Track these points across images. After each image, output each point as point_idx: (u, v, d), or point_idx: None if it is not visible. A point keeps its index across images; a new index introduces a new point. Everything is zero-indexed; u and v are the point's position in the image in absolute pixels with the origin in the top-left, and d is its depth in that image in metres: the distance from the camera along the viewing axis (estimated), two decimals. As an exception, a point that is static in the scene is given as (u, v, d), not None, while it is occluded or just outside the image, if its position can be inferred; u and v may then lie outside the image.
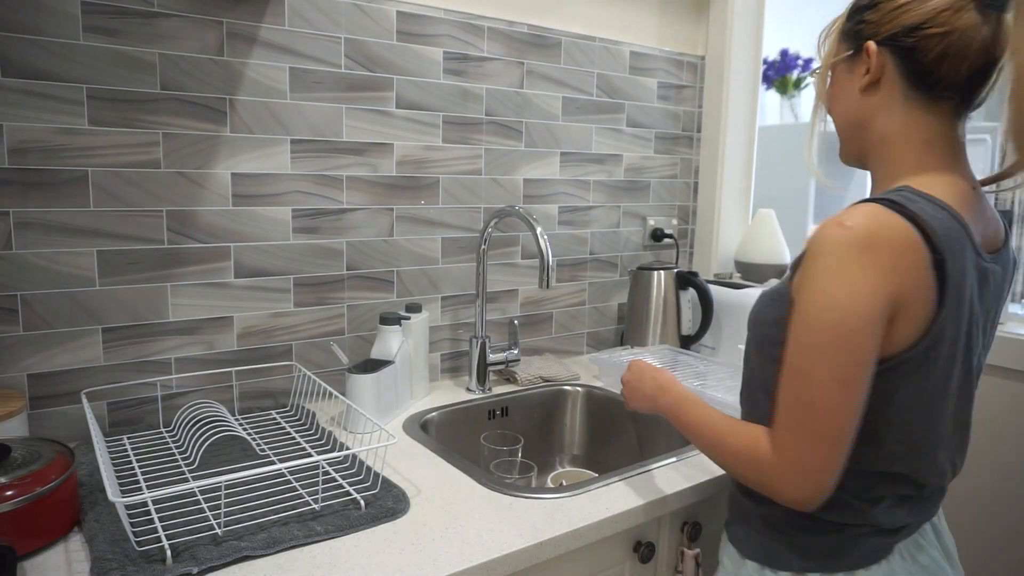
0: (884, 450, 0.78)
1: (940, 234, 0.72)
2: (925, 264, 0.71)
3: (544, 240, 1.27)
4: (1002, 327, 1.46)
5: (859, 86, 0.82)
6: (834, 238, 0.71)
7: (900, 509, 0.81)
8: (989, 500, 1.47)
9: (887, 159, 0.82)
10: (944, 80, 0.78)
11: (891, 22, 0.79)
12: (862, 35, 0.82)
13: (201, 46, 1.17)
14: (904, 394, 0.75)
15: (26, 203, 1.06)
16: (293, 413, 1.29)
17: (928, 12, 0.76)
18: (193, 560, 0.79)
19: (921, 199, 0.74)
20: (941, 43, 0.76)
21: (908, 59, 0.78)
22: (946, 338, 0.74)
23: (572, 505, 0.98)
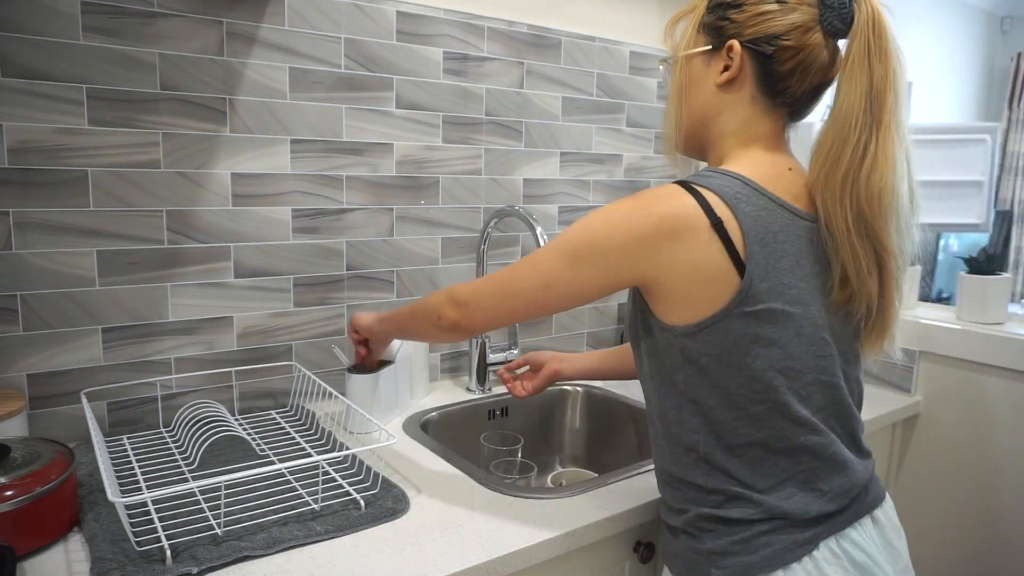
0: (743, 412, 0.79)
1: (726, 198, 0.78)
2: (703, 228, 0.76)
3: (544, 240, 1.27)
4: (1002, 327, 1.46)
5: (716, 81, 0.85)
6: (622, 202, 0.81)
7: (807, 496, 0.80)
8: (989, 500, 1.47)
9: (718, 151, 0.88)
10: (789, 91, 0.83)
11: (755, 26, 0.82)
12: (724, 32, 0.84)
13: (201, 46, 1.17)
14: (735, 353, 0.77)
15: (26, 203, 1.06)
16: (293, 413, 1.29)
17: (787, 25, 0.81)
18: (193, 560, 0.79)
19: (713, 173, 0.81)
20: (794, 57, 0.81)
21: (764, 65, 0.83)
22: (760, 293, 0.77)
23: (572, 505, 0.98)
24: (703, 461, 0.82)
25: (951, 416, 1.52)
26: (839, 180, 0.78)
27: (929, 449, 1.56)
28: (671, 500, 0.87)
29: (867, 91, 0.77)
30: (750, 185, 0.80)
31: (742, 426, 0.79)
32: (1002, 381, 1.44)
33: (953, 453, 1.52)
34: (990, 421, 1.46)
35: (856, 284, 0.80)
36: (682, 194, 0.78)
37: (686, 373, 0.80)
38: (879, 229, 0.78)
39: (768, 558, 0.78)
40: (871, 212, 0.77)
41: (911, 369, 1.55)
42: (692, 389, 0.80)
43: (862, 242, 0.78)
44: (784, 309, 0.78)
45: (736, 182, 0.80)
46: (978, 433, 1.48)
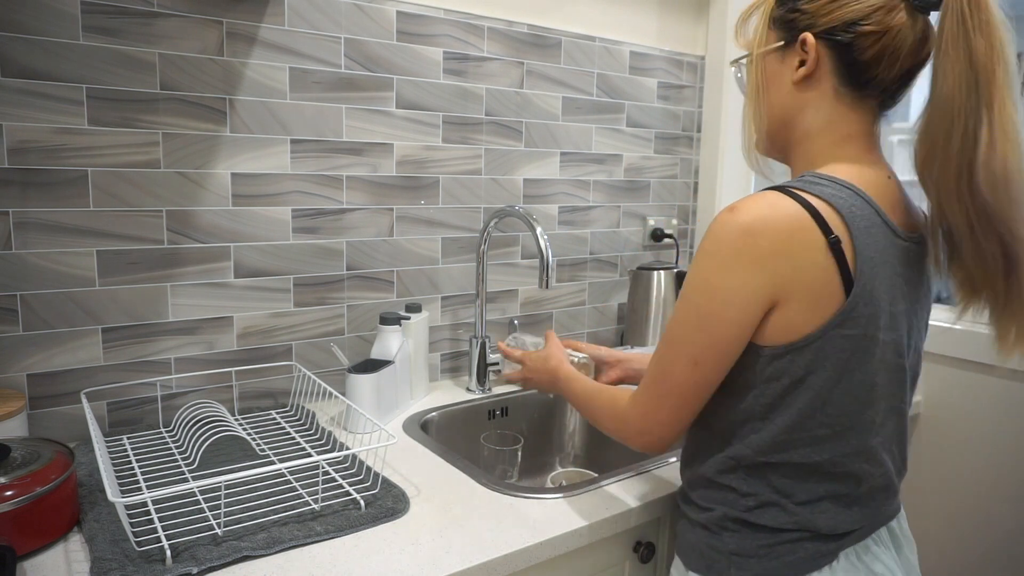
0: (808, 434, 0.76)
1: (842, 211, 0.72)
2: (818, 246, 0.71)
3: (544, 240, 1.27)
4: None
5: (792, 79, 0.80)
6: (719, 223, 0.73)
7: (840, 513, 0.78)
8: (989, 500, 1.47)
9: (807, 153, 0.82)
10: (877, 80, 0.77)
11: (829, 15, 0.76)
12: (796, 25, 0.79)
13: (201, 46, 1.17)
14: (820, 376, 0.74)
15: (26, 203, 1.06)
16: (293, 413, 1.29)
17: (865, 8, 0.75)
18: (193, 560, 0.79)
19: (824, 181, 0.75)
20: (877, 42, 0.75)
21: (844, 55, 0.77)
22: (860, 318, 0.73)
23: (572, 505, 0.98)
24: (743, 469, 0.80)
25: (951, 416, 1.52)
26: (952, 173, 0.70)
27: (929, 449, 1.56)
28: (697, 497, 0.85)
29: (967, 70, 0.68)
30: (862, 197, 0.74)
31: (803, 447, 0.76)
32: (1002, 381, 1.44)
33: (953, 453, 1.52)
34: (990, 421, 1.46)
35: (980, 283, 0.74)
36: (790, 204, 0.72)
37: (760, 391, 0.76)
38: (1009, 218, 0.70)
39: (790, 565, 0.78)
40: (995, 199, 0.69)
41: (911, 369, 1.55)
42: (761, 408, 0.77)
43: (987, 237, 0.71)
44: (876, 335, 0.74)
45: (849, 193, 0.74)
46: (978, 433, 1.48)
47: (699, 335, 0.75)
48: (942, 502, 1.54)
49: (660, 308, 1.69)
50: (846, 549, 0.79)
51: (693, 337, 0.76)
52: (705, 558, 0.83)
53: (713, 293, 0.74)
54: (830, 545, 0.78)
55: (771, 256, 0.71)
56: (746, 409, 0.78)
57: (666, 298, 1.69)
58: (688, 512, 0.87)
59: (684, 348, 0.77)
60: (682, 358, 0.77)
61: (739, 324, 0.74)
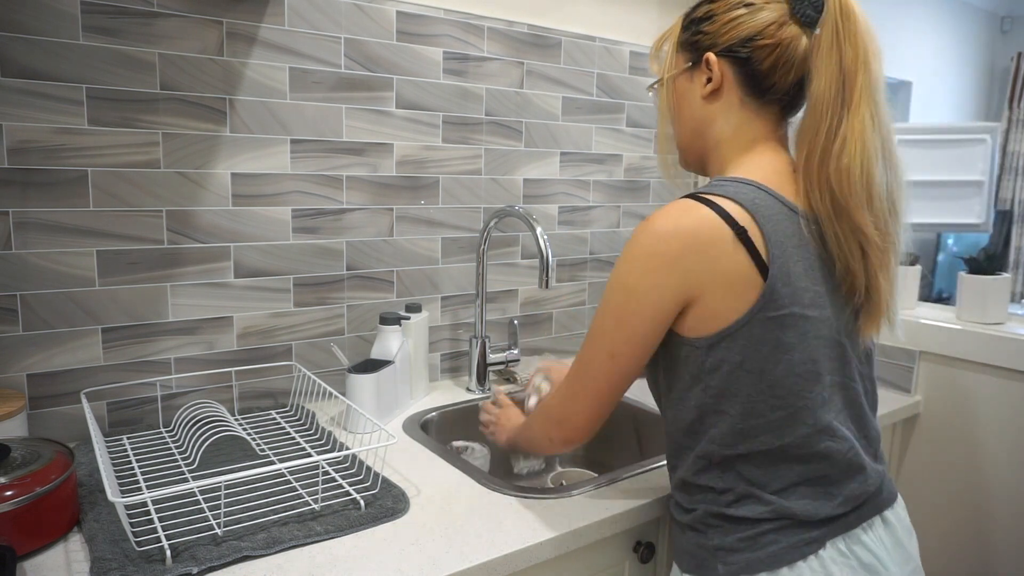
0: (763, 420, 0.79)
1: (745, 204, 0.78)
2: (727, 239, 0.77)
3: (544, 240, 1.27)
4: (1002, 327, 1.46)
5: (702, 94, 0.88)
6: (637, 231, 0.81)
7: (818, 498, 0.80)
8: (989, 500, 1.47)
9: (720, 160, 0.89)
10: (775, 87, 0.85)
11: (727, 33, 0.85)
12: (700, 45, 0.87)
13: (201, 46, 1.17)
14: (757, 359, 0.78)
15: (26, 203, 1.06)
16: (293, 413, 1.29)
17: (759, 25, 0.83)
18: (193, 560, 0.79)
19: (727, 182, 0.82)
20: (772, 53, 0.83)
21: (744, 68, 0.85)
22: (782, 298, 0.77)
23: (572, 505, 0.98)
24: (715, 466, 0.82)
25: (951, 416, 1.52)
26: (815, 164, 0.79)
27: (929, 449, 1.56)
28: (682, 500, 0.88)
29: (837, 73, 0.78)
30: (763, 189, 0.81)
31: (762, 433, 0.79)
32: (1002, 381, 1.44)
33: (953, 453, 1.52)
34: (990, 421, 1.46)
35: (845, 267, 0.81)
36: (698, 207, 0.78)
37: (706, 383, 0.80)
38: (852, 210, 0.78)
39: (774, 555, 0.79)
40: (842, 193, 0.78)
41: (911, 369, 1.55)
42: (712, 400, 0.80)
43: (841, 226, 0.79)
44: (804, 313, 0.78)
45: (750, 187, 0.81)
46: (978, 433, 1.48)
47: (617, 331, 0.82)
48: (941, 501, 1.54)
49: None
50: (833, 538, 0.80)
51: (611, 333, 0.83)
52: (695, 558, 0.84)
53: (630, 293, 0.81)
54: (813, 533, 0.79)
55: (681, 256, 0.77)
56: (699, 404, 0.82)
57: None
58: (677, 516, 0.89)
59: (603, 342, 0.84)
60: (601, 352, 0.84)
61: (653, 319, 0.80)
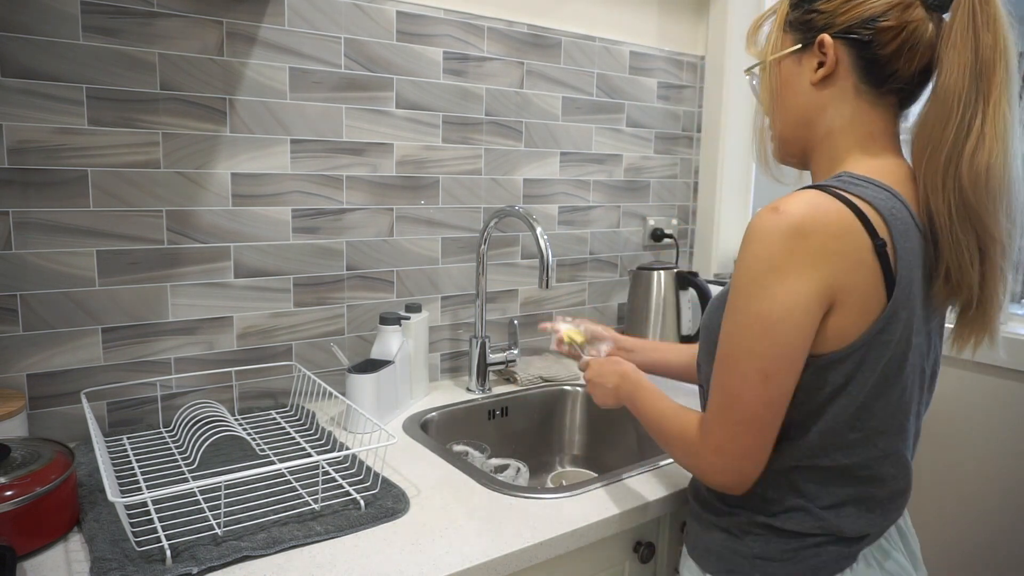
0: (841, 439, 0.75)
1: (884, 213, 0.71)
2: (865, 249, 0.70)
3: (544, 240, 1.27)
4: (1002, 327, 1.45)
5: (811, 80, 0.79)
6: (765, 224, 0.70)
7: (863, 516, 0.78)
8: (988, 500, 1.47)
9: (829, 153, 0.81)
10: (897, 75, 0.77)
11: (846, 13, 0.76)
12: (813, 26, 0.78)
13: (201, 46, 1.17)
14: (861, 384, 0.73)
15: (26, 203, 1.06)
16: (293, 413, 1.29)
17: (883, 5, 0.75)
18: (193, 560, 0.79)
19: (862, 182, 0.74)
20: (897, 37, 0.75)
21: (864, 52, 0.76)
22: (899, 322, 0.72)
23: (572, 505, 0.98)
24: (769, 473, 0.78)
25: (951, 416, 1.52)
26: (941, 162, 0.71)
27: (928, 449, 1.56)
28: (717, 500, 0.84)
29: (972, 63, 0.70)
30: (898, 198, 0.73)
31: (834, 451, 0.76)
32: (1002, 381, 1.44)
33: (952, 453, 1.52)
34: (990, 421, 1.46)
35: (957, 278, 0.74)
36: (833, 202, 0.70)
37: (801, 401, 0.74)
38: (984, 213, 0.71)
39: (813, 568, 0.78)
40: (975, 195, 0.70)
41: (911, 369, 1.55)
42: (802, 417, 0.75)
43: (965, 230, 0.72)
44: (911, 339, 0.74)
45: (887, 194, 0.73)
46: (976, 433, 1.48)
47: (765, 345, 0.70)
48: (941, 501, 1.54)
49: (660, 308, 1.69)
50: (864, 550, 0.80)
51: (758, 349, 0.71)
52: (725, 561, 0.82)
53: (773, 298, 0.69)
54: (851, 548, 0.79)
55: (824, 255, 0.69)
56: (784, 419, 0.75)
57: (666, 298, 1.69)
58: (705, 515, 0.86)
59: (750, 363, 0.71)
60: (751, 375, 0.71)
61: (804, 328, 0.70)
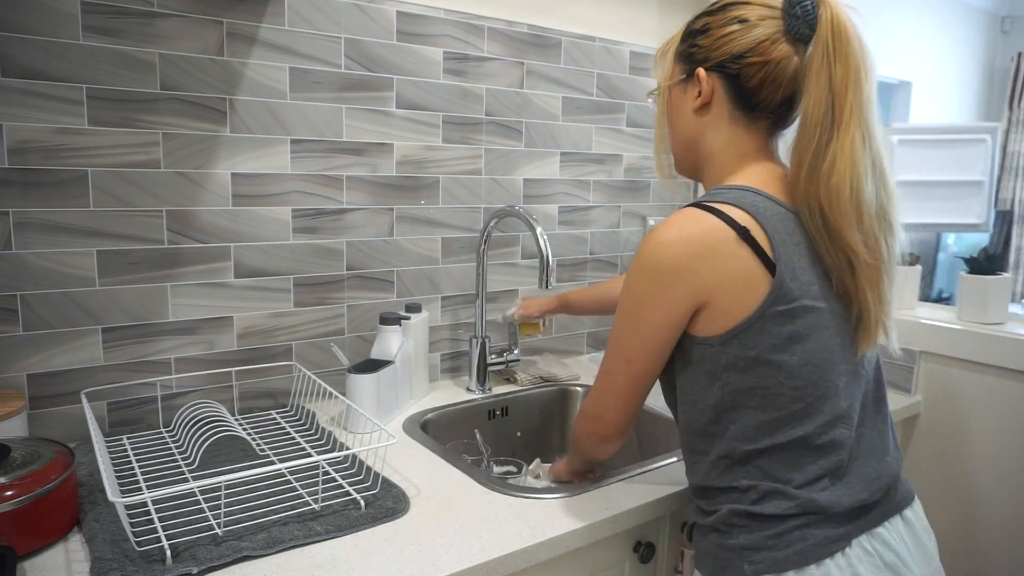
0: (785, 412, 0.80)
1: (745, 207, 0.81)
2: (731, 242, 0.79)
3: (544, 240, 1.27)
4: (1002, 327, 1.46)
5: (692, 107, 0.90)
6: (644, 243, 0.84)
7: (838, 486, 0.81)
8: (989, 500, 1.47)
9: (713, 170, 0.91)
10: (763, 103, 0.86)
11: (719, 49, 0.86)
12: (695, 59, 0.89)
13: (201, 46, 1.17)
14: (772, 352, 0.79)
15: (26, 203, 1.06)
16: (293, 413, 1.29)
17: (750, 42, 0.84)
18: (193, 560, 0.79)
19: (725, 189, 0.85)
20: (761, 71, 0.84)
21: (733, 84, 0.86)
22: (790, 291, 0.79)
23: (572, 505, 0.98)
24: (737, 464, 0.83)
25: (951, 416, 1.52)
26: (803, 182, 0.81)
27: (929, 449, 1.56)
28: (704, 503, 0.87)
29: (827, 93, 0.79)
30: (760, 194, 0.83)
31: (783, 425, 0.80)
32: (1002, 381, 1.44)
33: (953, 453, 1.52)
34: (990, 421, 1.46)
35: (839, 281, 0.82)
36: (701, 214, 0.81)
37: (724, 380, 0.81)
38: (841, 228, 0.79)
39: (801, 553, 0.79)
40: (831, 210, 0.79)
41: (911, 369, 1.55)
42: (731, 396, 0.81)
43: (831, 241, 0.80)
44: (812, 305, 0.80)
45: (748, 193, 0.83)
46: (978, 433, 1.48)
47: (632, 338, 0.86)
48: (940, 501, 1.54)
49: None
50: (858, 536, 0.81)
51: (627, 339, 0.86)
52: (719, 559, 0.83)
53: (640, 303, 0.84)
54: (839, 529, 0.80)
55: (689, 264, 0.80)
56: (717, 403, 0.83)
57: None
58: (698, 519, 0.89)
59: (620, 349, 0.87)
60: (619, 357, 0.88)
61: (665, 326, 0.83)
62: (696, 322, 0.82)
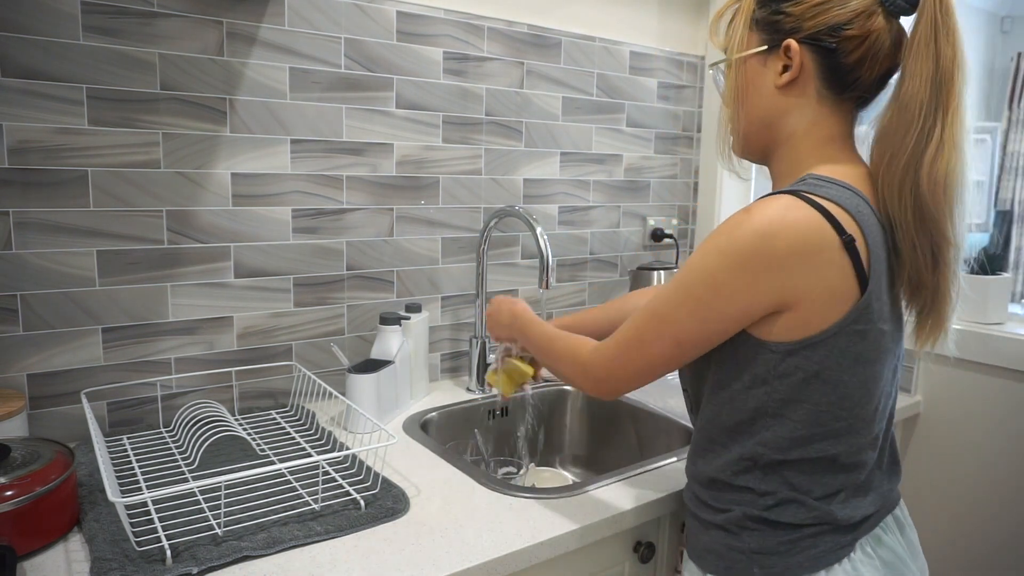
0: (826, 428, 0.77)
1: (851, 211, 0.74)
2: (834, 247, 0.72)
3: (544, 240, 1.27)
4: (1002, 327, 1.46)
5: (776, 83, 0.80)
6: (735, 222, 0.74)
7: (854, 501, 0.80)
8: (989, 500, 1.47)
9: (791, 154, 0.82)
10: (859, 82, 0.79)
11: (814, 18, 0.77)
12: (780, 28, 0.79)
13: (201, 46, 1.17)
14: (835, 371, 0.75)
15: (26, 203, 1.06)
16: (293, 413, 1.29)
17: (849, 13, 0.76)
18: (193, 560, 0.79)
19: (827, 183, 0.76)
20: (861, 45, 0.76)
21: (828, 60, 0.78)
22: (872, 312, 0.74)
23: (572, 505, 0.98)
24: (759, 469, 0.80)
25: (951, 416, 1.52)
26: (900, 168, 0.74)
27: (929, 449, 1.56)
28: (711, 499, 0.85)
29: (934, 73, 0.72)
30: (861, 197, 0.76)
31: (819, 441, 0.78)
32: (1002, 381, 1.44)
33: (953, 453, 1.52)
34: (990, 421, 1.46)
35: (915, 279, 0.77)
36: (805, 208, 0.72)
37: (773, 387, 0.77)
38: (940, 218, 0.74)
39: (813, 559, 0.78)
40: (932, 200, 0.73)
41: (911, 369, 1.55)
42: (775, 404, 0.77)
43: (921, 233, 0.75)
44: (882, 328, 0.76)
45: (852, 194, 0.76)
46: (978, 433, 1.48)
47: (691, 322, 0.77)
48: (941, 502, 1.54)
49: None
50: (861, 539, 0.81)
51: (684, 322, 0.77)
52: (724, 559, 0.82)
53: (719, 288, 0.74)
54: (847, 536, 0.80)
55: (785, 259, 0.71)
56: (758, 407, 0.78)
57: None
58: (701, 514, 0.86)
59: (672, 328, 0.78)
60: (667, 337, 0.79)
61: (736, 320, 0.76)
62: (767, 325, 0.75)
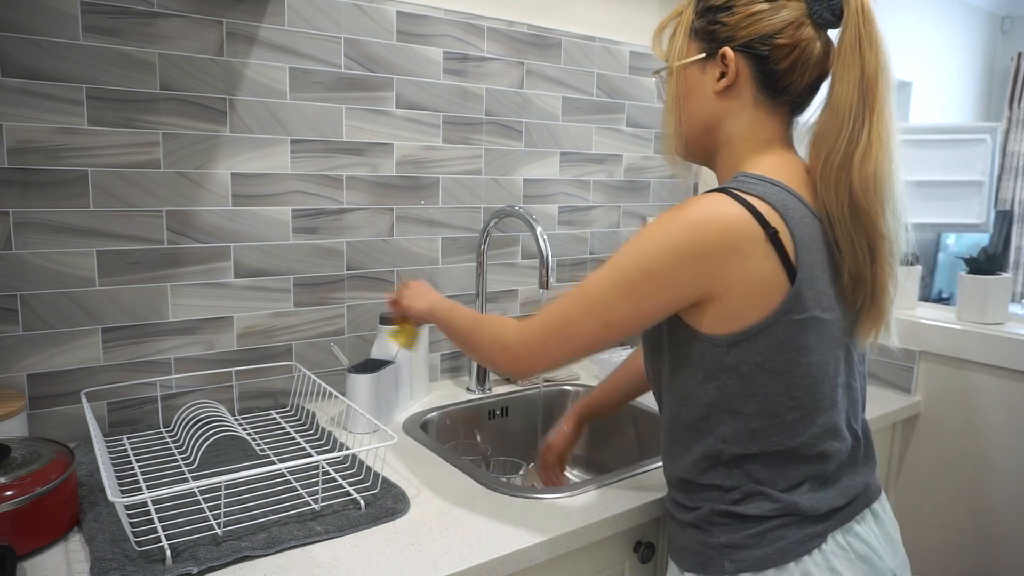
0: (779, 420, 0.79)
1: (776, 206, 0.77)
2: (758, 240, 0.76)
3: (544, 240, 1.27)
4: (1002, 327, 1.46)
5: (714, 89, 0.85)
6: (671, 214, 0.79)
7: (818, 492, 0.81)
8: (988, 500, 1.47)
9: (731, 156, 0.87)
10: (791, 88, 0.83)
11: (748, 27, 0.82)
12: (716, 37, 0.84)
13: (201, 46, 1.17)
14: (778, 361, 0.78)
15: (26, 203, 1.06)
16: (293, 413, 1.29)
17: (780, 23, 0.81)
18: (193, 560, 0.79)
19: (756, 180, 0.80)
20: (791, 53, 0.81)
21: (761, 66, 0.83)
22: (806, 301, 0.77)
23: (572, 505, 0.98)
24: (722, 465, 0.82)
25: (951, 416, 1.52)
26: (835, 167, 0.78)
27: (929, 449, 1.56)
28: (682, 498, 0.87)
29: (860, 79, 0.77)
30: (790, 192, 0.80)
31: (776, 434, 0.80)
32: (1002, 381, 1.44)
33: (953, 453, 1.52)
34: (990, 421, 1.46)
35: (854, 271, 0.80)
36: (732, 204, 0.77)
37: (722, 382, 0.80)
38: (873, 213, 0.78)
39: (781, 551, 0.79)
40: (864, 197, 0.78)
41: (911, 369, 1.55)
42: (727, 399, 0.80)
43: (857, 228, 0.78)
44: (822, 317, 0.79)
45: (778, 189, 0.80)
46: (978, 433, 1.48)
47: (624, 305, 0.79)
48: (941, 501, 1.54)
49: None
50: (833, 532, 0.82)
51: (616, 305, 0.79)
52: (698, 556, 0.84)
53: (652, 273, 0.78)
54: (816, 528, 0.81)
55: (714, 249, 0.76)
56: (711, 402, 0.81)
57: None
58: (676, 514, 0.89)
59: (602, 309, 0.80)
60: (596, 317, 0.80)
61: (665, 307, 0.79)
62: (703, 317, 0.79)
